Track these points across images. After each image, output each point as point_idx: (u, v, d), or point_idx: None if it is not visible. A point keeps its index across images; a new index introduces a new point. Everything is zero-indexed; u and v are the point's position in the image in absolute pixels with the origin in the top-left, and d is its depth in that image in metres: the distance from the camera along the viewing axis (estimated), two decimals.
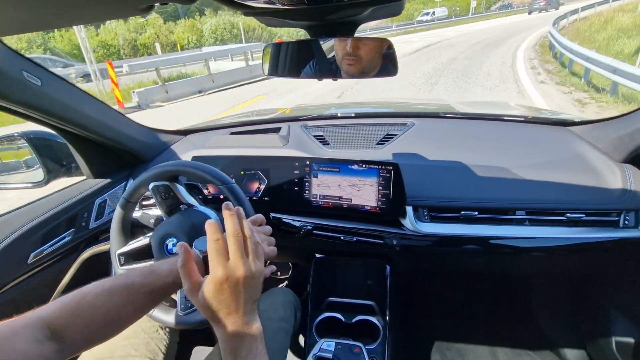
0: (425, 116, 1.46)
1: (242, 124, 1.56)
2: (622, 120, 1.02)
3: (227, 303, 0.48)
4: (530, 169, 1.03)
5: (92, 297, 0.54)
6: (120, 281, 0.57)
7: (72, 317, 0.51)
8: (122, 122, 1.18)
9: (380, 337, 1.07)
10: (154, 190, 0.85)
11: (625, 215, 0.93)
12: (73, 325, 0.50)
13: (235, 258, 0.48)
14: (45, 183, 1.09)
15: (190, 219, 0.82)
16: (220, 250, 0.48)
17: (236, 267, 0.48)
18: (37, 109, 0.85)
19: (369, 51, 0.70)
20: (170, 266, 0.60)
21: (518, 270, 1.34)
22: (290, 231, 1.11)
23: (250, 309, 0.50)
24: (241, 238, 0.50)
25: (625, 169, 0.99)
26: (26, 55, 0.82)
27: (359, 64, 0.70)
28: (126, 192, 0.86)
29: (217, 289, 0.47)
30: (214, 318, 0.49)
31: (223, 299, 0.48)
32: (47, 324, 0.48)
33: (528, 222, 0.97)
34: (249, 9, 0.62)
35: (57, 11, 0.49)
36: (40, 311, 0.49)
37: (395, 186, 0.98)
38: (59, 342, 0.48)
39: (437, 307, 1.62)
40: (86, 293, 0.54)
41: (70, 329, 0.50)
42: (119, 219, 0.86)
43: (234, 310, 0.48)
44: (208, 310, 0.49)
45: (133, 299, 0.57)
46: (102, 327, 0.54)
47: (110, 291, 0.55)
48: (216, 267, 0.47)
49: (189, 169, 0.85)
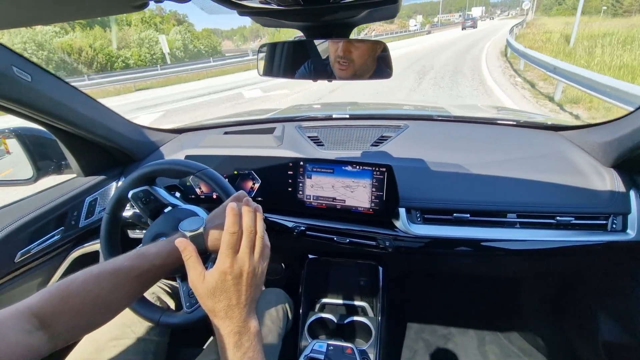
0: (419, 119, 1.47)
1: (236, 123, 1.55)
2: (611, 126, 1.04)
3: (229, 295, 0.49)
4: (522, 173, 1.04)
5: (80, 284, 0.53)
6: (108, 266, 0.56)
7: (60, 305, 0.50)
8: (114, 119, 1.16)
9: (372, 339, 1.07)
10: (133, 197, 0.85)
11: (613, 219, 0.95)
12: (62, 314, 0.50)
13: (244, 253, 0.50)
14: (34, 180, 1.07)
15: (178, 217, 0.81)
16: (233, 244, 0.50)
17: (243, 261, 0.50)
18: (26, 105, 0.83)
19: (361, 55, 0.70)
20: (157, 249, 0.60)
21: (508, 272, 1.36)
22: (283, 232, 1.11)
23: (250, 305, 0.51)
24: (253, 235, 0.52)
25: (614, 173, 1.00)
26: None
27: (351, 67, 0.70)
28: (108, 208, 0.85)
29: (221, 279, 0.49)
30: (215, 310, 0.50)
31: (225, 289, 0.49)
32: (34, 313, 0.47)
33: (519, 224, 0.98)
34: (244, 8, 0.62)
35: (48, 6, 0.48)
36: (26, 301, 0.49)
37: (388, 188, 0.98)
38: (49, 331, 0.48)
39: (429, 308, 1.63)
40: (74, 280, 0.53)
41: (59, 318, 0.49)
42: (106, 235, 0.86)
43: (234, 303, 0.49)
44: (210, 300, 0.50)
45: (122, 284, 0.56)
46: (93, 313, 0.54)
47: (99, 277, 0.55)
48: (224, 259, 0.49)
49: (161, 167, 0.85)
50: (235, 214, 0.50)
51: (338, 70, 0.70)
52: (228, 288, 0.49)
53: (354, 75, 0.71)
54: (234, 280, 0.49)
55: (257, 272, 0.51)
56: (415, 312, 1.61)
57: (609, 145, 1.02)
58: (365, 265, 1.20)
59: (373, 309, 1.16)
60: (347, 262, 1.23)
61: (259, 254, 0.52)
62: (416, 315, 1.60)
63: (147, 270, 0.58)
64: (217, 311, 0.50)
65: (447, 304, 1.65)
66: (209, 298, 0.50)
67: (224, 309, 0.49)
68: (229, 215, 0.50)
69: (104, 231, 0.86)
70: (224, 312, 0.50)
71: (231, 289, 0.49)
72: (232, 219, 0.50)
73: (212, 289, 0.49)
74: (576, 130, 1.20)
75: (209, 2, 0.55)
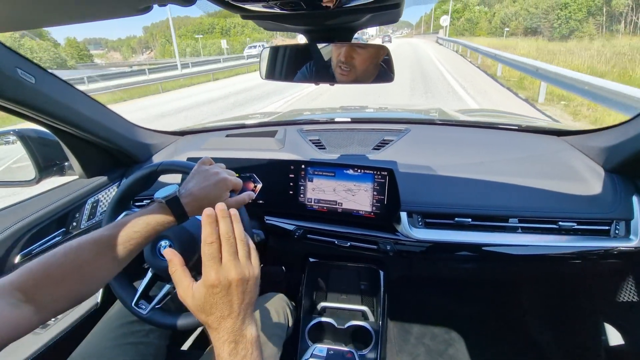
0: (420, 122, 1.48)
1: (238, 126, 1.56)
2: (614, 131, 1.04)
3: (220, 307, 0.47)
4: (523, 177, 1.04)
5: (61, 256, 0.54)
6: (88, 238, 0.58)
7: (42, 278, 0.51)
8: (117, 121, 1.17)
9: (372, 343, 1.07)
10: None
11: (616, 225, 0.94)
12: (45, 286, 0.51)
13: (228, 262, 0.48)
14: (36, 182, 1.07)
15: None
16: (214, 254, 0.47)
17: (228, 270, 0.47)
18: (30, 107, 0.84)
19: (363, 61, 0.70)
20: (135, 218, 0.62)
21: (510, 277, 1.35)
22: (284, 235, 1.11)
23: (244, 313, 0.49)
24: (233, 240, 0.49)
25: (616, 179, 1.00)
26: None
27: (352, 73, 0.70)
28: (108, 211, 0.85)
29: (209, 293, 0.47)
30: (208, 322, 0.48)
31: (215, 302, 0.47)
32: (16, 287, 0.48)
33: (521, 229, 0.98)
34: (247, 12, 0.62)
35: (54, 9, 0.48)
36: (7, 277, 0.50)
37: (390, 191, 0.98)
38: (34, 304, 0.49)
39: (430, 313, 1.62)
40: (54, 254, 0.54)
41: (43, 290, 0.51)
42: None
43: (227, 314, 0.47)
44: (202, 314, 0.48)
45: (104, 253, 0.57)
46: (77, 284, 0.55)
47: (79, 248, 0.56)
48: (208, 271, 0.47)
49: (159, 168, 0.85)
50: (210, 222, 0.48)
51: (339, 75, 0.71)
52: (217, 301, 0.47)
53: (356, 80, 0.71)
54: (222, 292, 0.47)
55: (247, 277, 0.49)
56: (416, 317, 1.60)
57: (612, 151, 1.01)
58: (366, 269, 1.20)
59: (374, 313, 1.16)
60: (348, 266, 1.22)
61: (245, 257, 0.50)
62: (417, 319, 1.59)
63: (128, 239, 0.60)
64: (210, 323, 0.48)
65: (449, 308, 1.64)
66: (200, 312, 0.48)
67: (216, 321, 0.48)
68: (205, 226, 0.48)
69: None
70: (217, 323, 0.48)
71: (221, 301, 0.47)
72: (207, 229, 0.48)
73: (202, 304, 0.47)
74: (578, 135, 1.20)
75: (212, 6, 0.56)
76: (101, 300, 1.12)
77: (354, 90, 7.81)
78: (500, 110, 4.36)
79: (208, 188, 0.67)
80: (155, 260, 0.78)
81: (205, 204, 0.58)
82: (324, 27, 0.71)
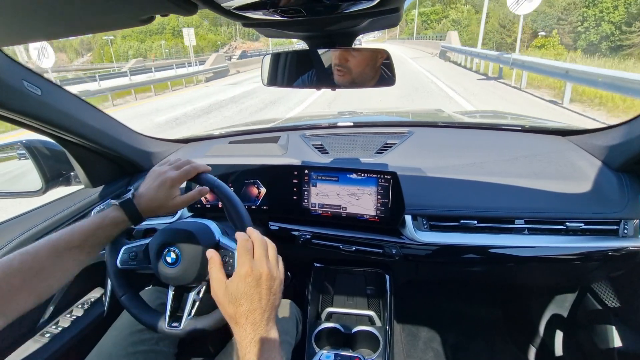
0: (423, 125, 1.47)
1: (241, 132, 1.57)
2: (619, 129, 1.03)
3: (250, 297, 0.52)
4: (529, 178, 1.03)
5: (18, 263, 0.56)
6: (44, 242, 0.60)
7: (2, 285, 0.53)
8: (121, 130, 1.18)
9: (380, 348, 1.06)
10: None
11: (625, 225, 0.93)
12: (5, 293, 0.53)
13: (260, 256, 0.55)
14: (43, 192, 1.08)
15: (188, 229, 0.81)
16: (249, 249, 0.55)
17: (260, 264, 0.54)
18: (36, 118, 0.85)
19: (358, 63, 0.71)
20: (91, 220, 0.64)
21: (518, 280, 1.33)
22: (289, 240, 1.10)
23: (269, 313, 0.53)
24: (264, 244, 0.58)
25: (623, 177, 0.99)
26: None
27: (349, 75, 0.71)
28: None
29: (242, 282, 0.52)
30: (236, 316, 0.52)
31: (245, 292, 0.52)
32: None
33: (527, 231, 0.97)
34: (248, 19, 0.63)
35: (59, 21, 0.49)
36: None
37: (394, 195, 0.98)
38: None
39: (438, 316, 1.60)
40: (11, 261, 0.56)
41: (4, 298, 0.53)
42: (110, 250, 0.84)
43: (256, 306, 0.52)
44: (231, 306, 0.52)
45: (61, 257, 0.60)
46: (38, 287, 0.57)
47: (36, 255, 0.58)
48: (243, 262, 0.54)
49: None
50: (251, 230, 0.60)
51: (337, 77, 0.72)
52: (249, 290, 0.52)
53: (354, 82, 0.72)
54: (254, 282, 0.52)
55: (275, 275, 0.55)
56: (424, 321, 1.58)
57: (618, 149, 1.00)
58: (372, 274, 1.19)
59: (381, 318, 1.15)
60: (354, 271, 1.21)
61: (274, 259, 0.57)
62: (425, 324, 1.57)
63: (85, 240, 0.63)
64: (239, 316, 0.51)
65: (457, 312, 1.62)
66: (230, 303, 0.52)
67: (245, 313, 0.51)
68: (238, 235, 0.58)
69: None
70: (245, 316, 0.51)
71: (252, 291, 0.52)
72: (243, 235, 0.58)
73: (234, 293, 0.52)
74: (583, 134, 1.19)
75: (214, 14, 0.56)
76: (107, 309, 1.12)
77: (355, 99, 7.73)
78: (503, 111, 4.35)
79: (153, 188, 0.71)
80: (162, 268, 0.78)
81: (155, 205, 0.69)
82: (324, 33, 0.72)
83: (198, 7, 0.48)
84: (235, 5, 0.51)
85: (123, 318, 0.93)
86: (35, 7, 0.41)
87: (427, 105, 7.41)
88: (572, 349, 1.27)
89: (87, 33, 0.57)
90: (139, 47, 61.74)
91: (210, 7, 0.49)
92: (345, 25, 0.68)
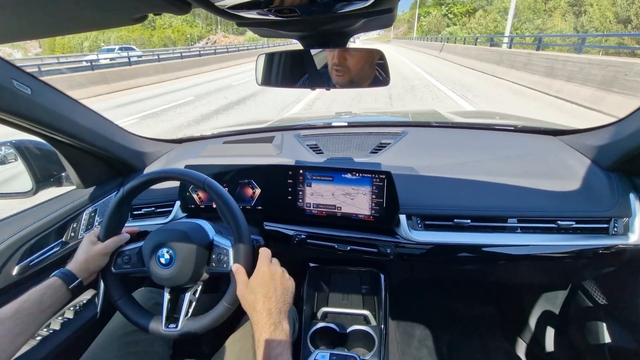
0: (417, 125, 1.48)
1: (236, 133, 1.56)
2: (609, 129, 1.05)
3: (267, 286, 0.66)
4: (521, 177, 1.04)
5: None
6: (6, 310, 0.64)
7: None
8: (113, 130, 1.17)
9: (375, 347, 1.06)
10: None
11: (614, 223, 0.95)
12: None
13: (276, 262, 0.74)
14: (33, 193, 1.06)
15: (181, 228, 0.81)
16: (268, 256, 0.73)
17: (275, 267, 0.71)
18: (26, 118, 0.84)
19: (357, 62, 0.72)
20: (32, 298, 0.68)
21: (511, 278, 1.35)
22: (284, 240, 1.10)
23: (282, 305, 0.65)
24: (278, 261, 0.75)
25: (613, 177, 1.00)
26: None
27: (347, 74, 0.71)
28: (108, 213, 0.84)
29: (261, 275, 0.68)
30: (255, 302, 0.64)
31: (264, 282, 0.67)
32: None
33: (520, 229, 0.98)
34: (242, 19, 0.62)
35: (52, 20, 0.49)
36: None
37: (388, 195, 0.98)
38: None
39: (432, 315, 1.61)
40: None
41: None
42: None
43: (271, 295, 0.65)
44: (251, 294, 0.66)
45: (25, 321, 0.64)
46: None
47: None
48: (263, 263, 0.71)
49: (171, 174, 0.84)
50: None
51: (335, 77, 0.72)
52: (266, 281, 0.67)
53: (351, 82, 0.72)
54: (270, 276, 0.68)
55: (286, 277, 0.71)
56: (418, 320, 1.59)
57: (608, 149, 1.02)
58: (367, 273, 1.19)
59: (376, 317, 1.15)
60: (349, 270, 1.22)
61: (287, 273, 0.73)
62: (419, 322, 1.58)
63: (29, 320, 0.66)
64: (256, 302, 0.64)
65: (451, 310, 1.63)
66: (250, 293, 0.66)
67: (261, 299, 0.64)
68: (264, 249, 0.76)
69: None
70: (262, 302, 0.63)
71: (268, 282, 0.67)
72: (265, 250, 0.76)
73: (253, 284, 0.67)
74: (574, 134, 1.21)
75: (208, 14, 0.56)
76: (100, 310, 1.11)
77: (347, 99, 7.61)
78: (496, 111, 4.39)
79: (78, 251, 0.80)
80: (157, 270, 0.77)
81: (82, 266, 0.77)
82: (318, 33, 0.72)
83: (192, 6, 0.48)
84: (229, 4, 0.51)
85: (116, 319, 0.92)
86: (28, 5, 0.41)
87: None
88: (563, 346, 1.29)
89: (79, 32, 0.56)
90: (97, 38, 54.07)
91: (204, 6, 0.49)
92: (339, 25, 0.68)
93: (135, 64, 14.26)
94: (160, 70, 14.42)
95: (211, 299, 0.94)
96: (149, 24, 58.34)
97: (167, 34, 57.86)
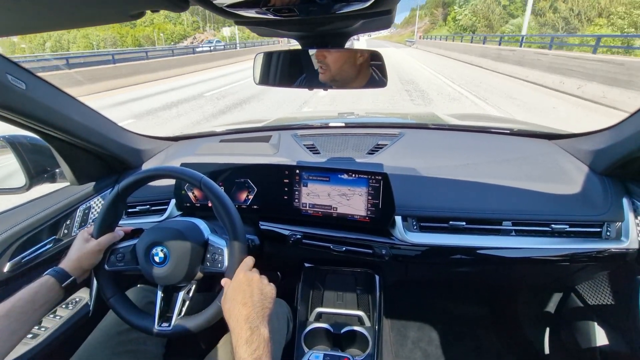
0: (414, 127, 1.49)
1: (232, 132, 1.55)
2: (603, 134, 1.06)
3: (243, 292, 0.67)
4: (516, 181, 1.05)
5: None
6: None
7: None
8: (109, 127, 1.16)
9: (369, 348, 1.06)
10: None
11: (607, 227, 0.96)
12: None
13: (254, 270, 0.73)
14: (27, 189, 1.05)
15: (176, 227, 0.80)
16: (249, 265, 0.74)
17: (252, 273, 0.72)
18: (20, 113, 0.83)
19: (335, 60, 0.73)
20: (24, 297, 0.68)
21: (505, 280, 1.36)
22: (279, 240, 1.10)
23: (261, 311, 0.65)
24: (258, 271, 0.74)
25: (607, 181, 1.01)
26: None
27: (328, 71, 0.72)
28: (103, 208, 0.83)
29: (236, 283, 0.69)
30: (231, 309, 0.65)
31: (240, 288, 0.67)
32: None
33: (514, 232, 0.99)
34: (241, 18, 0.62)
35: (49, 15, 0.48)
36: None
37: (384, 196, 0.98)
38: None
39: (426, 317, 1.62)
40: None
41: None
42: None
43: (247, 301, 0.65)
44: (228, 301, 0.67)
45: (18, 319, 0.64)
46: None
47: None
48: (240, 270, 0.72)
49: (167, 172, 0.84)
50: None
51: (320, 75, 0.73)
52: (242, 288, 0.67)
53: (334, 80, 0.73)
54: (246, 282, 0.68)
55: (264, 283, 0.71)
56: (412, 321, 1.59)
57: (602, 154, 1.03)
58: (362, 274, 1.19)
59: (370, 318, 1.15)
60: (344, 271, 1.22)
61: (266, 279, 0.73)
62: (413, 324, 1.58)
63: (23, 317, 0.66)
64: (232, 309, 0.64)
65: (445, 312, 1.64)
66: (227, 301, 0.67)
67: (238, 306, 0.64)
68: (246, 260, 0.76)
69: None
70: (238, 309, 0.63)
71: (245, 289, 0.67)
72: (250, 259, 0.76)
73: (230, 293, 0.68)
74: (569, 138, 1.22)
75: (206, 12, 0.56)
76: (93, 309, 1.10)
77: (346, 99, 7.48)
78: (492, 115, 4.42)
79: (71, 249, 0.80)
80: (151, 268, 0.77)
81: (75, 263, 0.77)
82: (317, 33, 0.72)
83: (189, 4, 0.47)
84: (228, 2, 0.51)
85: (109, 318, 0.91)
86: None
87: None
88: (556, 348, 1.30)
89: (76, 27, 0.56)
90: (60, 37, 51.47)
91: (201, 4, 0.49)
92: (338, 25, 0.68)
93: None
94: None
95: (205, 298, 0.93)
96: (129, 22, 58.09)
97: (146, 32, 53.31)
